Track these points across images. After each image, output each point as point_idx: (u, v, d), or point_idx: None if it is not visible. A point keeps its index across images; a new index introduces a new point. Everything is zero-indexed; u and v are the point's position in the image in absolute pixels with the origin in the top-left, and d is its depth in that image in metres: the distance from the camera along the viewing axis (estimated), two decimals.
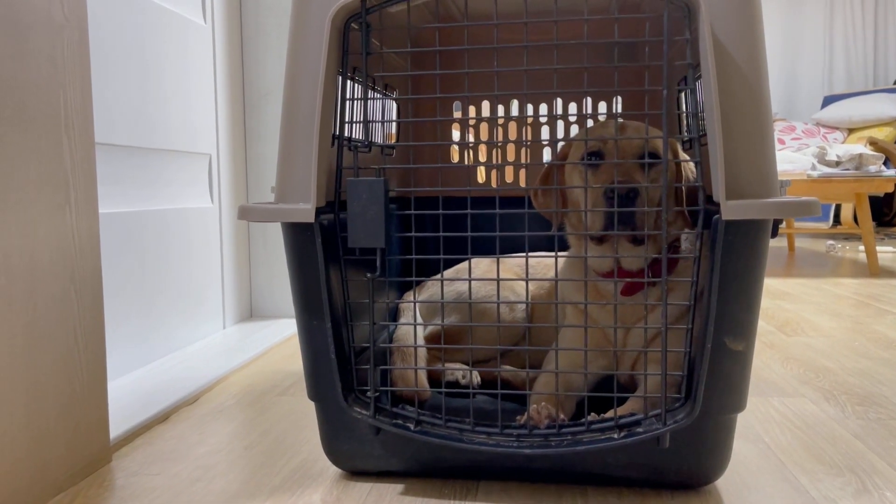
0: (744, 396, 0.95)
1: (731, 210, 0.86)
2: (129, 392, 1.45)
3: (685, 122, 1.23)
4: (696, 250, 0.93)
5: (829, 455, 1.12)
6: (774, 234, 0.95)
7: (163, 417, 1.32)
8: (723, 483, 1.02)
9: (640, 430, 0.93)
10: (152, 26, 1.66)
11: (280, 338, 1.94)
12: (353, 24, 0.96)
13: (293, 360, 1.75)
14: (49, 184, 0.98)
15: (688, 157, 1.11)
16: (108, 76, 1.50)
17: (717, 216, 0.88)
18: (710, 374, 0.91)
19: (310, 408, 1.08)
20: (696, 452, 0.97)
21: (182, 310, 1.82)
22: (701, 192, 0.94)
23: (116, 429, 1.21)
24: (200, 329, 1.92)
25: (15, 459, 0.92)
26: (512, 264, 1.44)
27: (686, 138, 0.99)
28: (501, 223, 1.49)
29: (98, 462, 1.09)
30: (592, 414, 0.99)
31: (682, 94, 1.22)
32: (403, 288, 1.46)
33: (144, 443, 1.20)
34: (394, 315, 1.41)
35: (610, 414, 0.97)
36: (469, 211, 0.94)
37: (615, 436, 0.93)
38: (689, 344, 0.94)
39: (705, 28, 0.86)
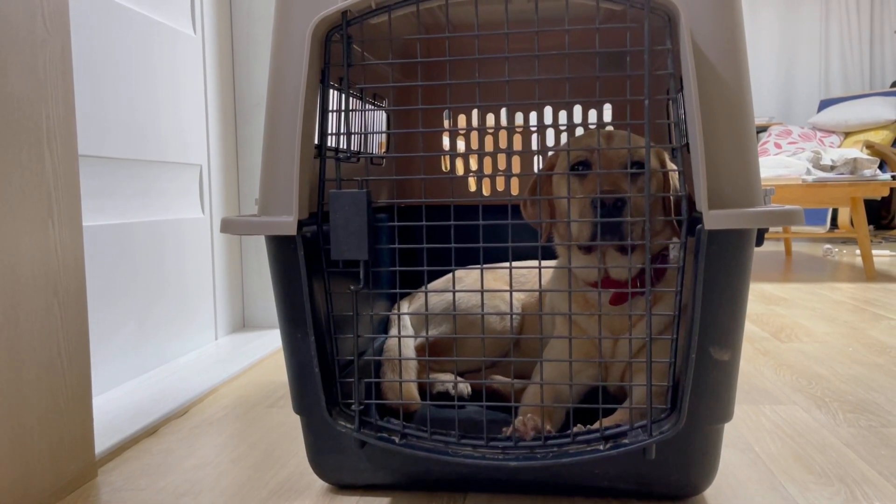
0: (730, 407, 0.95)
1: (713, 220, 0.85)
2: (118, 405, 1.44)
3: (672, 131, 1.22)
4: (681, 260, 0.92)
5: (818, 464, 1.11)
6: (759, 242, 0.94)
7: (151, 430, 1.32)
8: (711, 493, 1.01)
9: (625, 441, 0.92)
10: (142, 38, 1.66)
11: (272, 348, 1.94)
12: (335, 36, 0.96)
13: (284, 371, 1.73)
14: (31, 197, 0.98)
15: (675, 167, 1.11)
16: (97, 88, 1.49)
17: (700, 225, 0.87)
18: (696, 384, 0.91)
19: (298, 420, 1.07)
20: (683, 463, 0.96)
21: (174, 321, 1.81)
22: (685, 202, 0.93)
23: (104, 443, 1.20)
24: (192, 340, 1.91)
25: None
26: (505, 274, 1.43)
27: (670, 147, 0.99)
28: (494, 232, 1.48)
29: (83, 477, 1.08)
30: (579, 425, 0.98)
31: (669, 104, 1.22)
32: (395, 298, 1.45)
33: (132, 457, 1.20)
34: (385, 326, 1.40)
35: (596, 425, 0.97)
36: (452, 222, 0.93)
37: (601, 447, 0.93)
38: (675, 354, 0.94)
39: (685, 37, 0.86)
